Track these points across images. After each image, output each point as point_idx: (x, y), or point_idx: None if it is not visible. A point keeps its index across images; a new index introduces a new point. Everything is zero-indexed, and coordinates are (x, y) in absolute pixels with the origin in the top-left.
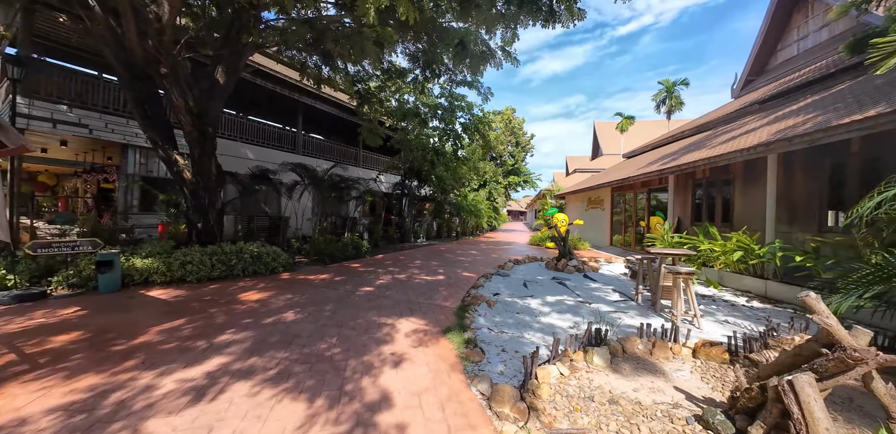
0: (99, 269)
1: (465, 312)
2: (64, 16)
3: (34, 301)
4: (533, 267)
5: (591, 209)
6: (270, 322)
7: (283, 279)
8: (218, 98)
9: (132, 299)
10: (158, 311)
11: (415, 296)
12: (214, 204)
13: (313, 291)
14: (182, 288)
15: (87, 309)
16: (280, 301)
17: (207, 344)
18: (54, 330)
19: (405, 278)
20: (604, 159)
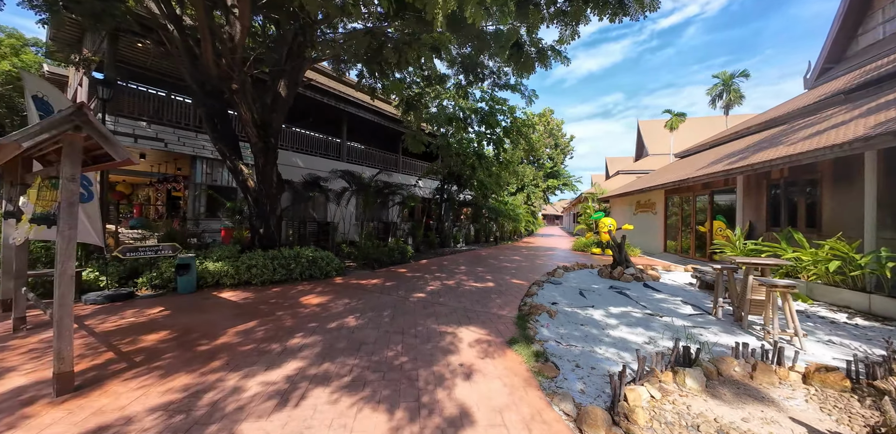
0: (178, 272)
1: (526, 322)
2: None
3: (123, 301)
4: (584, 274)
5: (640, 213)
6: (335, 327)
7: (337, 283)
8: (280, 110)
9: (207, 301)
10: (232, 313)
11: (469, 303)
12: (275, 210)
13: (368, 296)
14: (248, 290)
15: (169, 309)
16: (339, 306)
17: (281, 347)
18: (144, 329)
19: (454, 285)
20: (650, 160)
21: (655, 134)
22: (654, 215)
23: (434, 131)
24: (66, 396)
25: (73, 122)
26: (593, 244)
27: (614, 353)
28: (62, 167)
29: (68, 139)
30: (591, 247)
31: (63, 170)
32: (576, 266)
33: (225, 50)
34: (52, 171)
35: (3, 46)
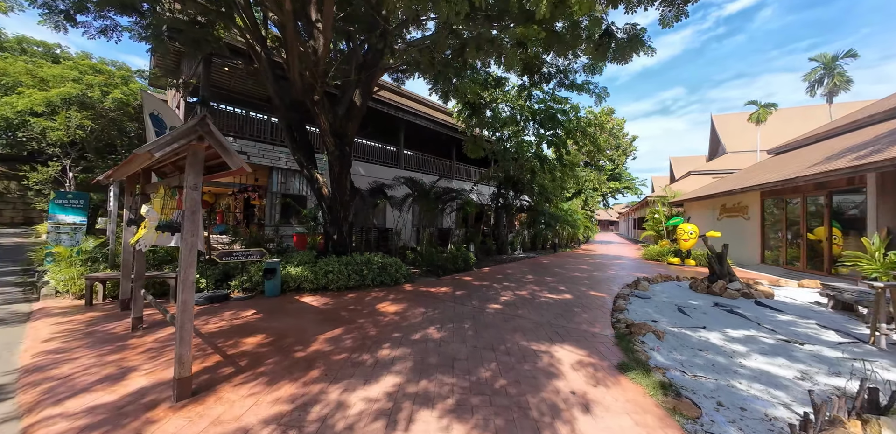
0: (266, 276)
1: (631, 344)
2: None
3: (220, 302)
4: (673, 288)
5: (725, 218)
6: (419, 339)
7: (407, 291)
8: (354, 119)
9: (292, 305)
10: (317, 319)
11: (552, 317)
12: (347, 217)
13: (443, 306)
14: (326, 295)
15: (261, 312)
16: (417, 315)
17: (373, 359)
18: (243, 332)
19: (528, 295)
20: (728, 159)
21: (734, 129)
22: (747, 221)
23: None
24: (185, 401)
25: (197, 133)
26: (669, 253)
27: (761, 389)
28: (186, 176)
29: (192, 149)
30: (667, 256)
31: (187, 179)
32: (659, 278)
33: (309, 63)
34: (173, 181)
35: (116, 77)
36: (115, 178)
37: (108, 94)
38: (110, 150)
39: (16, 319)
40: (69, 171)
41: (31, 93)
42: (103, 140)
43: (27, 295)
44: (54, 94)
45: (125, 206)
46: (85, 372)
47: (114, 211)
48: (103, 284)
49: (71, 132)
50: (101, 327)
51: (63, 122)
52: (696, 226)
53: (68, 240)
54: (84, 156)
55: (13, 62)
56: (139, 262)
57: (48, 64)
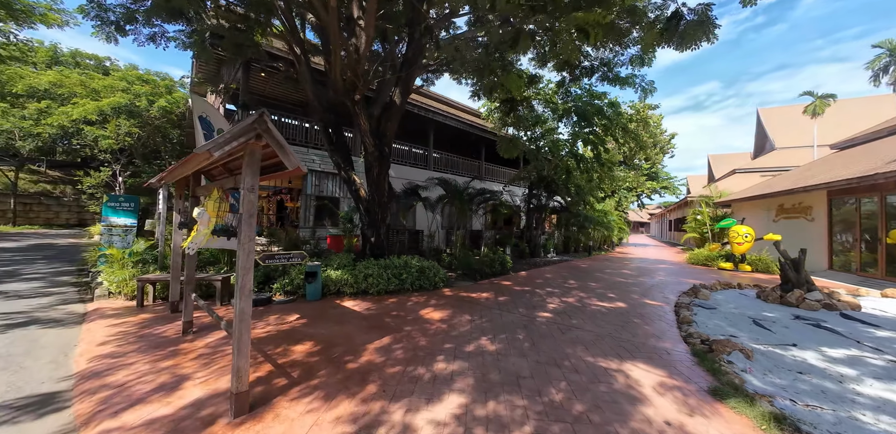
0: (307, 279)
1: (716, 364)
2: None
3: (264, 306)
4: (736, 296)
5: (783, 219)
6: (474, 351)
7: (448, 296)
8: (394, 119)
9: (335, 310)
10: (362, 325)
11: (611, 329)
12: (385, 219)
13: (489, 314)
14: (367, 300)
15: (305, 317)
16: (464, 323)
17: (430, 374)
18: (290, 339)
19: (576, 303)
20: (778, 155)
21: (784, 123)
22: (810, 222)
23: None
24: (243, 418)
25: (256, 131)
26: (720, 257)
27: (892, 423)
28: (243, 177)
29: (250, 148)
30: (718, 260)
31: (244, 180)
32: (717, 285)
33: (350, 62)
34: (227, 183)
35: (160, 87)
36: (167, 180)
37: (154, 102)
38: (155, 155)
39: (72, 320)
40: (118, 175)
41: (84, 102)
42: (149, 146)
43: (82, 295)
44: (105, 104)
45: (175, 209)
46: (140, 380)
47: (163, 213)
48: (153, 286)
49: (120, 139)
50: (152, 330)
51: (113, 130)
52: (751, 228)
53: (120, 241)
54: (132, 161)
55: (69, 74)
56: (189, 265)
57: (99, 75)
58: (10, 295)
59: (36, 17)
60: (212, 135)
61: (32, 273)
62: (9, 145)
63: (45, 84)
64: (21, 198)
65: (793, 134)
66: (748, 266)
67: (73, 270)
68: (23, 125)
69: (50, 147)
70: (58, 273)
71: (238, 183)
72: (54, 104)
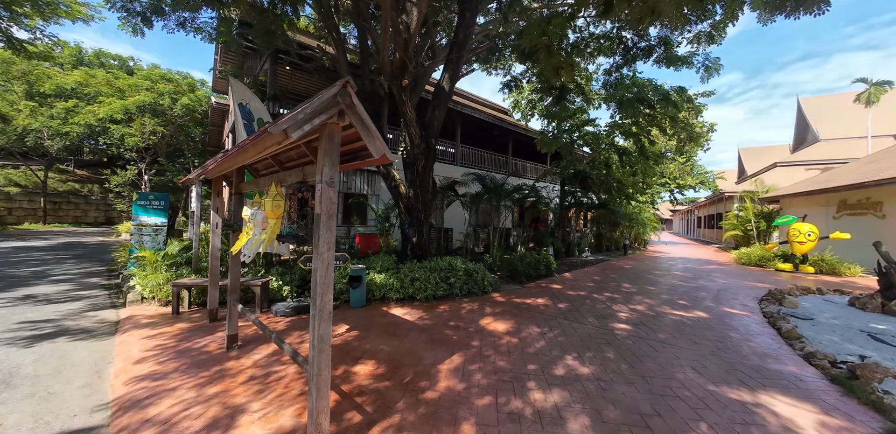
0: (351, 284)
1: (871, 394)
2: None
3: (307, 313)
4: (822, 304)
5: (846, 216)
6: (566, 375)
7: (500, 302)
8: (443, 107)
9: (385, 319)
10: (421, 339)
11: (710, 345)
12: (428, 217)
13: (557, 324)
14: (415, 307)
15: (356, 328)
16: (535, 337)
17: (531, 408)
18: (347, 356)
19: (648, 311)
20: (823, 147)
21: (830, 114)
22: (881, 219)
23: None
24: None
25: (339, 106)
26: (776, 258)
27: None
28: (320, 167)
29: (329, 130)
30: (774, 261)
31: (321, 171)
32: (796, 290)
33: (399, 42)
34: (289, 177)
35: (183, 85)
36: (212, 174)
37: (177, 100)
38: (178, 154)
39: (104, 330)
40: (144, 174)
41: (110, 101)
42: (172, 145)
43: (113, 300)
44: (131, 102)
45: (213, 208)
46: (187, 413)
47: (197, 212)
48: (189, 291)
49: (145, 138)
50: (192, 344)
51: (139, 128)
52: (814, 226)
53: (150, 241)
54: (156, 160)
55: (95, 73)
56: (234, 270)
57: (124, 75)
58: (38, 299)
59: (61, 12)
60: (252, 125)
61: (62, 274)
62: (38, 145)
63: (72, 83)
64: (51, 196)
65: (839, 125)
66: (811, 267)
67: (102, 271)
68: (51, 124)
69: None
70: (87, 274)
71: (305, 175)
72: (81, 103)
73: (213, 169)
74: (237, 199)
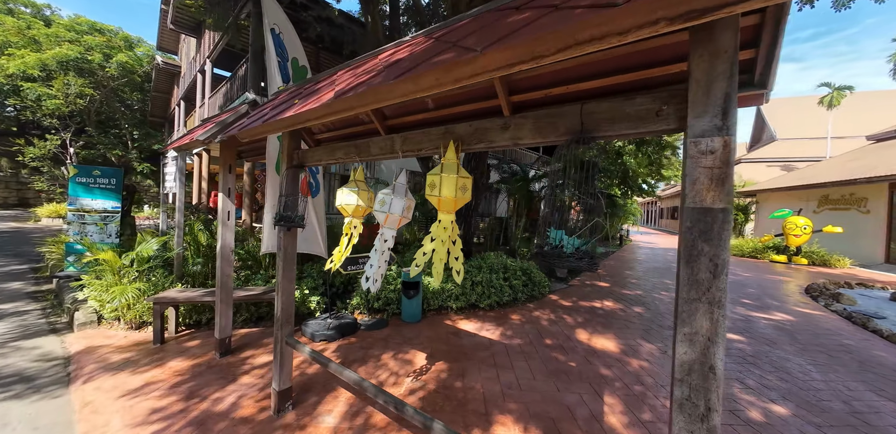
0: (406, 293)
1: None
2: None
3: (351, 334)
4: (865, 300)
5: (827, 211)
6: (769, 421)
7: (568, 306)
8: None
9: (460, 339)
10: (531, 368)
11: (848, 360)
12: (478, 207)
13: (656, 334)
14: (484, 318)
15: (435, 356)
16: (657, 355)
17: None
18: (466, 411)
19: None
20: (781, 146)
21: (786, 115)
22: (865, 214)
23: None
24: None
25: None
26: (768, 250)
27: None
28: None
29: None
30: (767, 253)
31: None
32: (830, 285)
33: None
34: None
35: (118, 40)
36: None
37: (111, 57)
38: (112, 123)
39: (50, 376)
40: (70, 146)
41: (22, 54)
42: (104, 113)
43: (52, 318)
44: (50, 56)
45: (221, 190)
46: None
47: (179, 193)
48: (175, 309)
49: (70, 101)
50: (211, 403)
51: (61, 88)
52: (809, 220)
53: (97, 232)
54: (84, 130)
55: (2, 19)
56: (286, 290)
57: (40, 23)
58: None
59: None
60: (286, 65)
61: None
62: None
63: None
64: None
65: (797, 126)
66: (804, 259)
67: (25, 271)
68: None
69: None
70: (4, 276)
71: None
72: None
73: (266, 125)
74: (290, 175)
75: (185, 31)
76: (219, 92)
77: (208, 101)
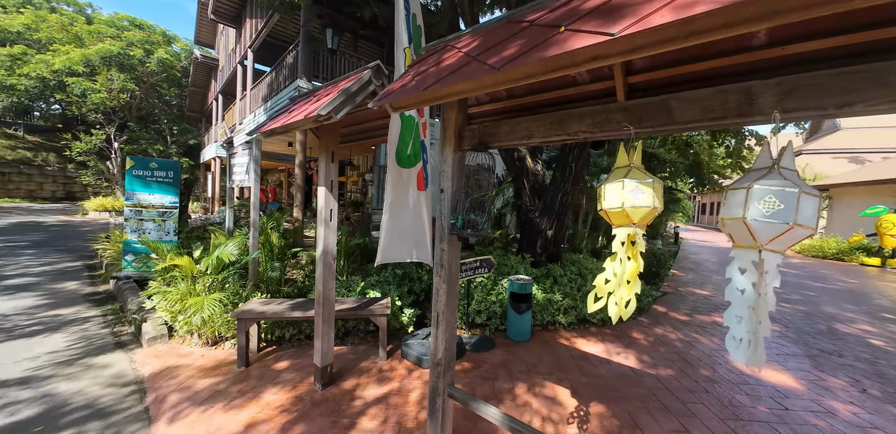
0: (516, 307)
1: None
2: None
3: (460, 355)
4: None
5: None
6: None
7: (684, 321)
8: None
9: (595, 367)
10: (719, 416)
11: None
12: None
13: (826, 361)
14: (602, 337)
15: (582, 395)
16: (851, 393)
17: None
18: None
19: (874, 329)
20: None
21: None
22: None
23: None
24: None
25: None
26: (857, 251)
27: None
28: None
29: None
30: (856, 254)
31: None
32: None
33: None
34: None
35: (157, 35)
36: (452, 95)
37: (152, 53)
38: (151, 119)
39: (127, 413)
40: (114, 141)
41: (67, 49)
42: (143, 108)
43: (115, 328)
44: (93, 52)
45: (323, 184)
46: None
47: (254, 188)
48: (257, 324)
49: (114, 95)
50: None
51: (105, 83)
52: None
53: (155, 229)
54: (126, 124)
55: (46, 15)
56: (448, 326)
57: (83, 19)
58: None
59: None
60: (408, 17)
61: (20, 274)
62: None
63: (18, 26)
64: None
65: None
66: None
67: (78, 268)
68: None
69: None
70: (58, 275)
71: None
72: (31, 51)
73: (471, 81)
74: (459, 160)
75: (225, 22)
76: (262, 82)
77: (250, 92)
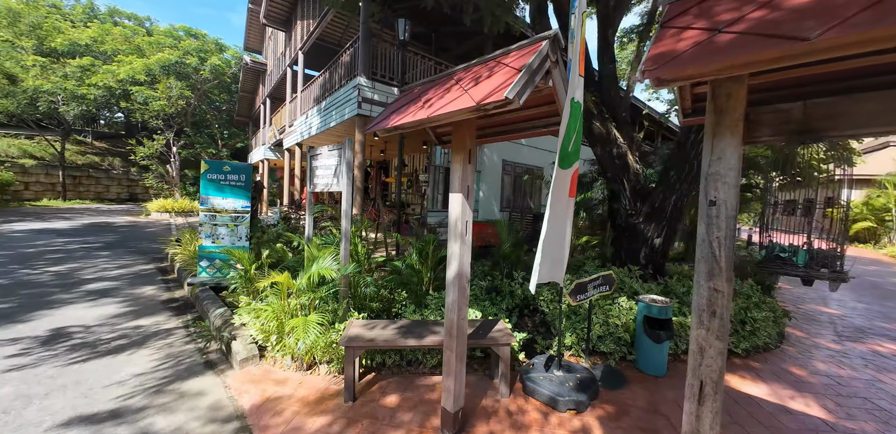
0: (654, 334)
1: None
2: None
3: (595, 395)
4: None
5: None
6: None
7: (839, 350)
8: None
9: (774, 417)
10: None
11: None
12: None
13: None
14: (756, 373)
15: None
16: None
17: None
18: None
19: None
20: None
21: None
22: None
23: None
24: None
25: None
26: None
27: None
28: None
29: None
30: None
31: None
32: None
33: None
34: None
35: (210, 43)
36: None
37: (206, 60)
38: (205, 124)
39: None
40: (172, 145)
41: (130, 60)
42: (197, 114)
43: (198, 342)
44: (154, 61)
45: (458, 188)
46: None
47: (345, 194)
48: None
49: (173, 102)
50: None
51: (164, 90)
52: None
53: (228, 235)
54: (182, 130)
55: (110, 29)
56: None
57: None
58: (75, 342)
59: None
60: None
61: (97, 278)
62: (52, 110)
63: (86, 39)
64: (69, 170)
65: None
66: None
67: (151, 271)
68: (65, 86)
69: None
70: (135, 278)
71: None
72: (98, 62)
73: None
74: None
75: (276, 25)
76: (314, 83)
77: (301, 94)
